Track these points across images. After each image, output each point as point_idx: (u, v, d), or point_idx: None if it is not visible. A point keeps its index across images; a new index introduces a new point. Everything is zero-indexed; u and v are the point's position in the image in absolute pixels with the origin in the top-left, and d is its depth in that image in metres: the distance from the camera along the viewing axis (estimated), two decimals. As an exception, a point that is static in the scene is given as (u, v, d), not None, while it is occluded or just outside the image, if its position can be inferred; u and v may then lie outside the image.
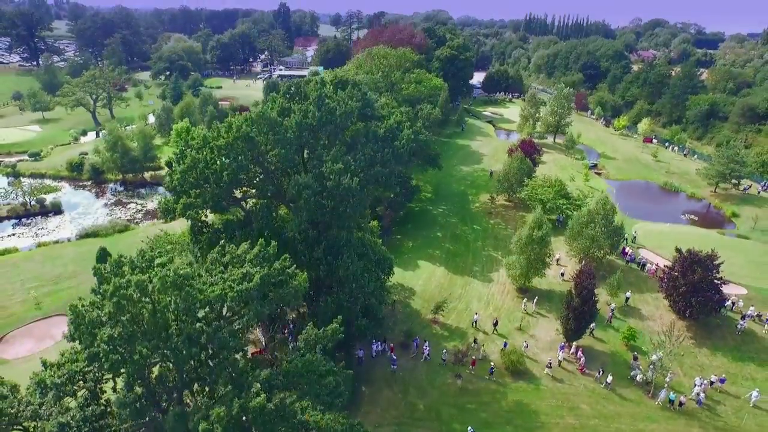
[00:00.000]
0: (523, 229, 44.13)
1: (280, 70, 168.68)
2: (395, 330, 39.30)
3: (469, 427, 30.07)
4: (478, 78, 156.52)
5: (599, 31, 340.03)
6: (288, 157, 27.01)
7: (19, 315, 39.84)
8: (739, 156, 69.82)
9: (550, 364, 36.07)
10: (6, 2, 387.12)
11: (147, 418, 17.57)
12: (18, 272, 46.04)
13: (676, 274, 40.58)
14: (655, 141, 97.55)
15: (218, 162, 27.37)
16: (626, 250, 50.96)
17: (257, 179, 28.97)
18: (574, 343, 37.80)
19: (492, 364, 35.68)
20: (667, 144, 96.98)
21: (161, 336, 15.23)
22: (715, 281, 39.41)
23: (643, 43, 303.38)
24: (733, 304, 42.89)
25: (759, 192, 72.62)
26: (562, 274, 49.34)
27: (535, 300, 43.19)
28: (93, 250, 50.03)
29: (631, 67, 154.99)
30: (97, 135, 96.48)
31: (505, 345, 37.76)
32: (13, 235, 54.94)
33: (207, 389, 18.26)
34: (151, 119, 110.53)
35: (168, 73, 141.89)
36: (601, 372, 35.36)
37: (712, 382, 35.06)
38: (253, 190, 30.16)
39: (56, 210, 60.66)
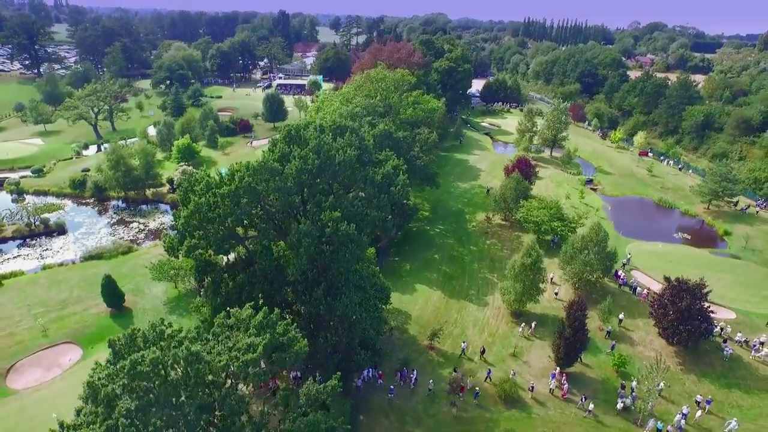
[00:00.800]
0: (517, 256, 45.26)
1: (280, 78, 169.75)
2: (392, 358, 40.42)
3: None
4: (476, 85, 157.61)
5: (598, 35, 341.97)
6: (288, 202, 28.14)
7: (27, 343, 40.88)
8: (732, 174, 71.04)
9: (532, 387, 37.33)
10: (6, 6, 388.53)
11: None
12: (24, 297, 47.08)
13: (665, 301, 41.77)
14: (650, 154, 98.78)
15: (221, 208, 28.44)
16: (619, 273, 52.12)
17: (259, 220, 30.04)
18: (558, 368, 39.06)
19: (477, 389, 36.83)
20: (662, 158, 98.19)
21: (173, 404, 16.33)
22: (703, 309, 40.64)
23: (641, 48, 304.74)
24: (722, 329, 44.09)
25: (758, 212, 72.38)
26: (556, 294, 50.70)
27: (533, 325, 44.33)
28: (98, 273, 51.33)
29: (629, 76, 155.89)
30: (99, 148, 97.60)
31: (489, 372, 38.85)
32: (19, 256, 56.00)
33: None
34: (152, 131, 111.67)
35: (168, 82, 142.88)
36: (584, 399, 36.52)
37: (698, 402, 36.39)
38: (255, 231, 31.21)
39: (60, 230, 61.66)
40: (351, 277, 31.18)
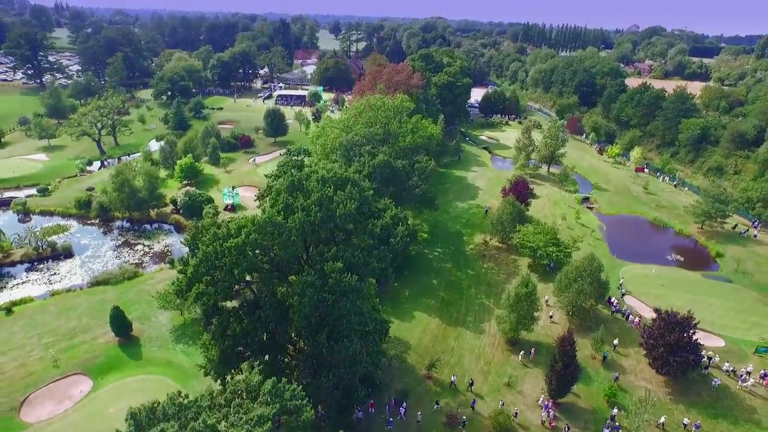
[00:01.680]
0: (512, 286, 46.69)
1: (280, 87, 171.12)
2: (391, 388, 41.84)
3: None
4: (476, 95, 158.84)
5: (597, 40, 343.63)
6: (292, 251, 29.55)
7: (39, 374, 42.28)
8: (724, 195, 72.45)
9: (516, 413, 38.80)
10: (7, 10, 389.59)
11: None
12: (34, 325, 48.51)
13: (656, 334, 43.20)
14: (646, 170, 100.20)
15: (228, 257, 29.83)
16: (612, 300, 53.56)
17: (264, 266, 31.43)
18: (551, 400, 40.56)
19: (464, 417, 38.34)
20: (658, 174, 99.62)
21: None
22: (692, 341, 42.08)
23: (639, 54, 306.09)
24: (710, 359, 45.55)
25: (755, 236, 72.42)
26: (551, 316, 52.28)
27: (532, 351, 46.01)
28: (105, 300, 52.98)
29: (626, 86, 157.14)
30: (102, 164, 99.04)
31: (474, 402, 40.26)
32: (27, 281, 57.40)
33: None
34: (154, 145, 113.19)
35: (170, 93, 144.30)
36: (567, 429, 37.96)
37: (685, 424, 37.99)
38: (260, 274, 32.61)
39: (67, 253, 63.04)
40: (353, 319, 32.55)
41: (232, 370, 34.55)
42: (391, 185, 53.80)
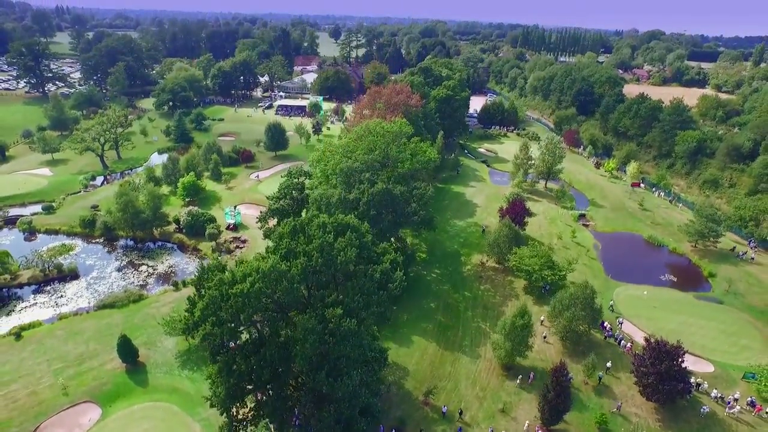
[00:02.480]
0: (508, 314, 48.12)
1: (281, 97, 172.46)
2: (389, 415, 43.25)
3: None
4: (474, 104, 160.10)
5: (596, 44, 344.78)
6: (295, 296, 30.95)
7: (49, 402, 43.67)
8: (717, 215, 73.82)
9: None
10: (8, 14, 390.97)
11: None
12: (43, 350, 49.91)
13: (647, 362, 44.59)
14: (642, 185, 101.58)
15: (233, 300, 31.21)
16: (605, 324, 54.96)
17: (267, 309, 32.83)
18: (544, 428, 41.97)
19: None
20: (654, 189, 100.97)
21: None
22: (682, 370, 43.49)
23: (638, 59, 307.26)
24: (698, 385, 46.97)
25: (753, 258, 72.71)
26: (545, 337, 53.76)
27: (531, 375, 47.56)
28: (111, 324, 54.42)
29: (624, 96, 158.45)
30: (105, 179, 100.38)
31: (459, 430, 41.69)
32: (35, 304, 58.79)
33: None
34: (156, 158, 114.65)
35: (171, 104, 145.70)
36: None
37: None
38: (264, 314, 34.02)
39: (73, 275, 64.45)
40: (353, 356, 33.91)
41: (237, 403, 36.13)
42: (390, 212, 55.17)
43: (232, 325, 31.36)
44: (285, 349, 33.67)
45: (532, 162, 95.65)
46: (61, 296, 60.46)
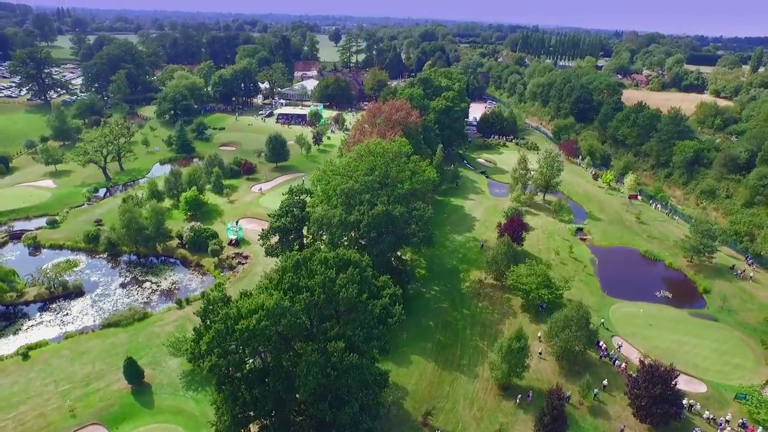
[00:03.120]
0: (503, 340, 49.22)
1: (281, 104, 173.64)
2: (389, 438, 44.37)
3: None
4: (474, 111, 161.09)
5: (596, 48, 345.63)
6: (298, 329, 32.06)
7: (57, 425, 44.71)
8: (712, 230, 74.90)
9: None
10: (9, 18, 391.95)
11: None
12: (50, 371, 50.94)
13: (640, 385, 45.70)
14: (639, 198, 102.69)
15: (238, 334, 32.29)
16: (600, 343, 56.05)
17: (272, 339, 33.93)
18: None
19: None
20: (651, 201, 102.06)
21: None
22: (675, 393, 44.61)
23: (637, 63, 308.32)
24: (691, 406, 48.08)
25: (752, 276, 73.12)
26: (540, 353, 54.92)
27: (530, 394, 48.82)
28: (117, 343, 55.49)
29: (623, 104, 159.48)
30: (108, 191, 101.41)
31: None
32: (41, 322, 59.85)
33: None
34: (158, 169, 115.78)
35: (173, 112, 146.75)
36: None
37: None
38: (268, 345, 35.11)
39: (78, 292, 65.53)
40: (354, 384, 34.92)
41: (242, 430, 37.24)
42: (390, 234, 56.26)
43: (238, 355, 32.42)
44: (288, 379, 34.76)
45: (531, 175, 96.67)
46: (67, 314, 61.53)
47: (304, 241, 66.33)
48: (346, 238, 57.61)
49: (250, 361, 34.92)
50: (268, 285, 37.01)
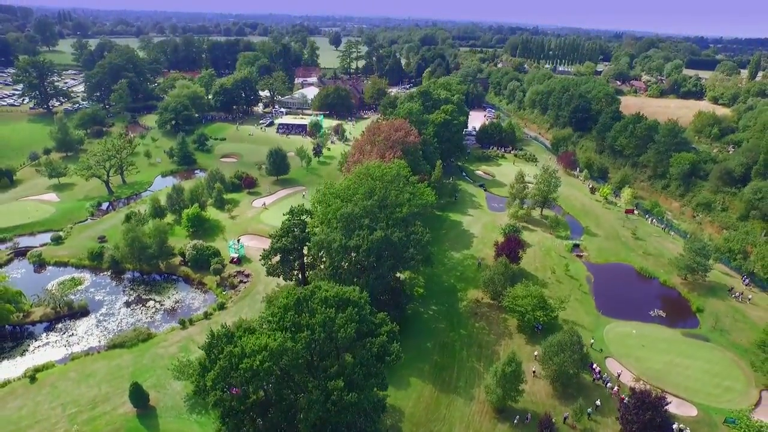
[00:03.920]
0: (497, 365, 50.54)
1: (281, 113, 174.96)
2: (388, 463, 45.70)
3: None
4: (473, 120, 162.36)
5: (595, 53, 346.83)
6: (299, 364, 33.40)
7: (65, 450, 46.12)
8: (705, 249, 76.15)
9: None
10: (11, 21, 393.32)
11: None
12: (57, 394, 52.25)
13: (631, 410, 47.04)
14: (636, 212, 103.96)
15: (243, 370, 33.58)
16: (593, 366, 57.36)
17: (274, 374, 35.27)
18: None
19: None
20: (647, 215, 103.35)
21: None
22: (665, 420, 45.95)
23: (636, 68, 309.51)
24: (681, 431, 49.37)
25: (750, 298, 73.55)
26: (534, 371, 56.25)
27: (528, 416, 50.12)
28: (122, 365, 56.81)
29: (621, 113, 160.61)
30: (110, 205, 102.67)
31: None
32: (48, 343, 61.18)
33: None
34: (160, 181, 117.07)
35: (174, 122, 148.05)
36: None
37: None
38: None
39: (83, 311, 66.86)
40: (353, 419, 36.21)
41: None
42: (389, 257, 57.56)
43: (241, 392, 33.73)
44: (290, 412, 36.10)
45: (528, 191, 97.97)
46: (72, 334, 62.87)
47: (305, 261, 67.66)
48: (345, 262, 58.91)
49: (253, 396, 36.20)
50: (270, 319, 38.29)
